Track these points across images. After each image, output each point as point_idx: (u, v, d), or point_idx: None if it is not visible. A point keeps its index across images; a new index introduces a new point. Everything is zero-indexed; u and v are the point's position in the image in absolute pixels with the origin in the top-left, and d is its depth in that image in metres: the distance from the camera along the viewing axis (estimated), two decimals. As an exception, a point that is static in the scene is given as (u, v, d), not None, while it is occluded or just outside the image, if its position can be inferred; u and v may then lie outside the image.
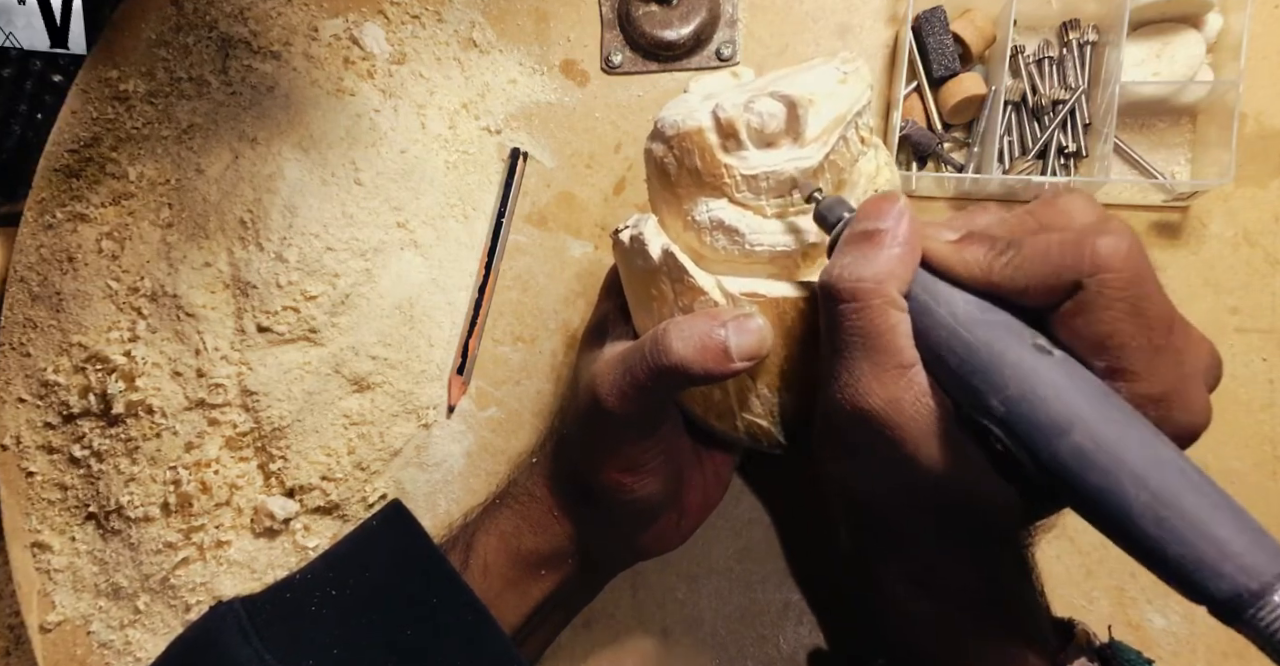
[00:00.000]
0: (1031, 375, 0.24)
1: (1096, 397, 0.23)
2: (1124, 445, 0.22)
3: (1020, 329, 0.25)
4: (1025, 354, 0.24)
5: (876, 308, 0.27)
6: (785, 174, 0.31)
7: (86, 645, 0.48)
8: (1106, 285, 0.24)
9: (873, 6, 0.49)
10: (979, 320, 0.26)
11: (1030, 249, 0.26)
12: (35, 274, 0.51)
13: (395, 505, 0.40)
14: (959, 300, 0.27)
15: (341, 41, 0.51)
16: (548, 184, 0.51)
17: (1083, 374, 0.24)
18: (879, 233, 0.28)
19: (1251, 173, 0.45)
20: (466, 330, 0.50)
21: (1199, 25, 0.45)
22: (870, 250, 0.27)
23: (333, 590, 0.36)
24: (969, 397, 0.26)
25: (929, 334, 0.27)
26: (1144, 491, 0.22)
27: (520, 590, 0.38)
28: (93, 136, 0.52)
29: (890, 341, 0.27)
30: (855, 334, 0.27)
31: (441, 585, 0.36)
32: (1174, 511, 0.21)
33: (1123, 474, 0.22)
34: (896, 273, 0.27)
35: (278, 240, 0.47)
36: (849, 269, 0.27)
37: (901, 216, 0.28)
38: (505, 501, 0.39)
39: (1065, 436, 0.23)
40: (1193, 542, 0.21)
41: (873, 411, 0.27)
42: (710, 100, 0.32)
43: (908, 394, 0.27)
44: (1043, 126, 0.46)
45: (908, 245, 0.28)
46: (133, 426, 0.47)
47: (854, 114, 0.32)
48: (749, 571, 0.46)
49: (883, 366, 0.27)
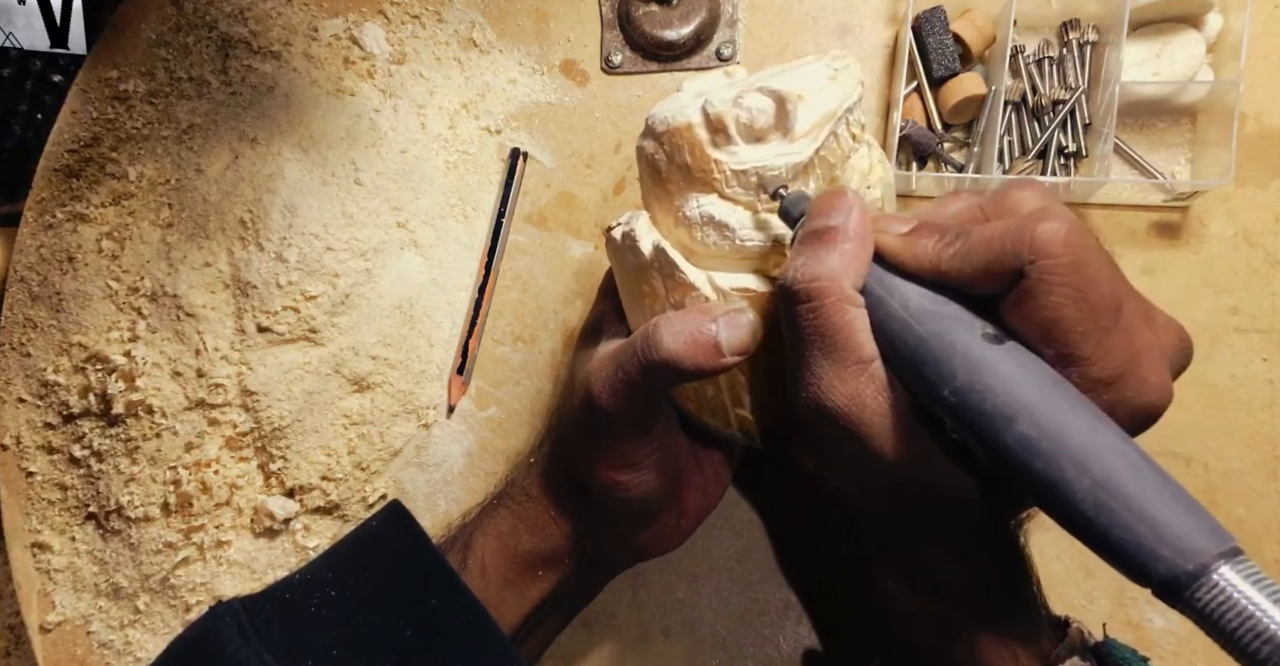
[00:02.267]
0: (979, 365, 0.24)
1: (1042, 385, 0.24)
2: (1067, 432, 0.23)
3: (970, 319, 0.26)
4: (974, 344, 0.25)
5: (831, 305, 0.27)
6: (775, 169, 0.31)
7: (86, 645, 0.48)
8: (1046, 271, 0.24)
9: (873, 6, 0.49)
10: (929, 312, 0.26)
11: (975, 237, 0.26)
12: (35, 274, 0.51)
13: (395, 506, 0.40)
14: (911, 292, 0.27)
15: (341, 41, 0.51)
16: (548, 184, 0.51)
17: (1031, 362, 0.25)
18: (830, 230, 0.28)
19: (1251, 173, 0.45)
20: (466, 330, 0.50)
21: (1199, 25, 0.45)
22: (822, 248, 0.28)
23: (332, 591, 0.36)
24: (922, 388, 0.26)
25: (883, 326, 0.27)
26: (1085, 477, 0.22)
27: (518, 590, 0.38)
28: (93, 136, 0.52)
29: (848, 338, 0.27)
30: (814, 333, 0.27)
31: (441, 586, 0.35)
32: (1114, 495, 0.22)
33: (1065, 460, 0.22)
34: (850, 269, 0.27)
35: (278, 240, 0.47)
36: (803, 269, 0.28)
37: (850, 211, 0.28)
38: (503, 502, 0.40)
39: (1011, 425, 0.23)
40: (1132, 526, 0.21)
41: (836, 409, 0.27)
42: (701, 97, 0.33)
43: (868, 389, 0.27)
44: (1043, 126, 0.46)
45: (858, 240, 0.28)
46: (133, 426, 0.47)
47: (844, 110, 0.32)
48: (749, 571, 0.46)
49: (843, 363, 0.27)
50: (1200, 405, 0.45)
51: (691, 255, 0.33)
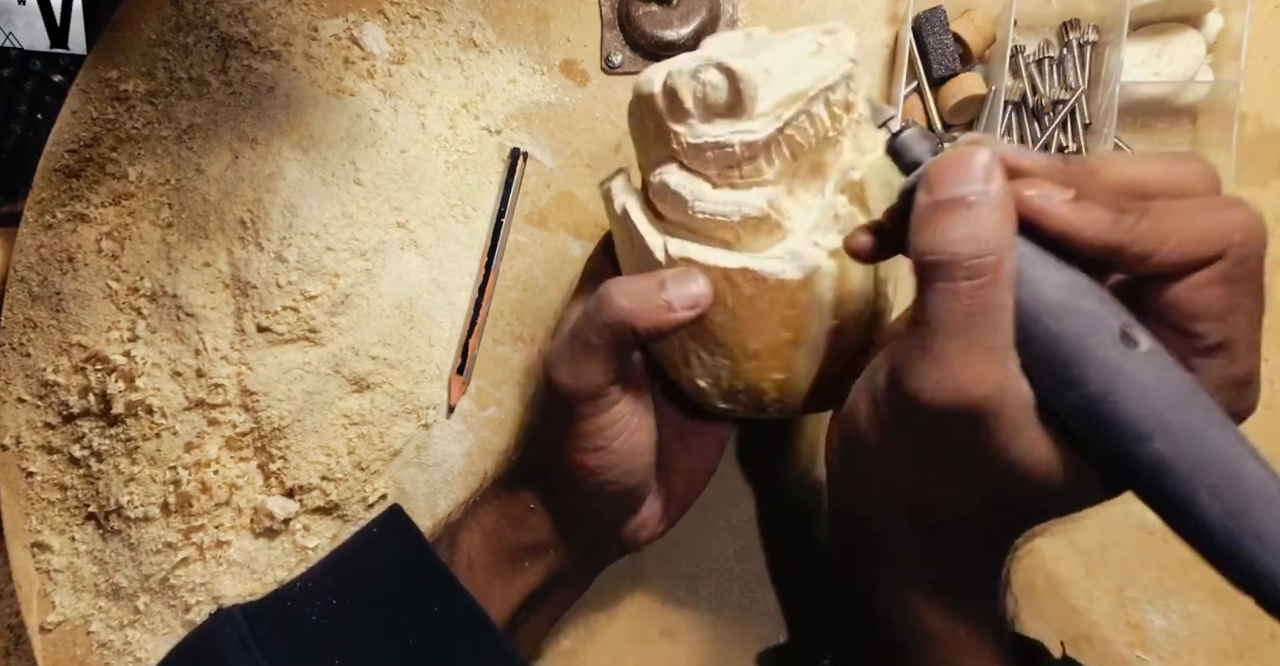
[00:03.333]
0: (1117, 373, 0.23)
1: (1182, 402, 0.23)
2: (1205, 454, 0.22)
3: (1109, 317, 0.24)
4: (1111, 349, 0.23)
5: (999, 283, 0.24)
6: (729, 146, 0.30)
7: (86, 645, 0.48)
8: (1249, 259, 0.23)
9: (873, 6, 0.49)
10: (1066, 306, 0.24)
11: (1168, 212, 0.24)
12: (35, 274, 0.51)
13: (395, 511, 0.40)
14: (1047, 283, 0.24)
15: (341, 41, 0.51)
16: (548, 184, 0.51)
17: (1170, 370, 0.23)
18: (976, 196, 0.24)
19: (1251, 173, 0.45)
20: (466, 330, 0.50)
21: (1199, 25, 0.45)
22: (975, 218, 0.24)
23: (333, 599, 0.36)
24: (1048, 385, 0.25)
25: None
26: (1218, 503, 0.22)
27: (506, 582, 0.38)
28: (93, 136, 0.52)
29: (1002, 320, 0.24)
30: (973, 313, 0.24)
31: (443, 593, 0.35)
32: (1246, 527, 0.21)
33: (1199, 484, 0.22)
34: (1010, 241, 0.24)
35: (278, 240, 0.47)
36: (960, 243, 0.24)
37: (992, 175, 0.24)
38: (485, 498, 0.40)
39: (1145, 441, 0.22)
40: (1259, 558, 0.21)
41: (984, 399, 0.24)
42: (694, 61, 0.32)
43: (1009, 379, 0.25)
44: (1043, 126, 0.46)
45: (1009, 209, 0.24)
46: (133, 426, 0.47)
47: (821, 89, 0.31)
48: (749, 571, 0.46)
49: (995, 348, 0.24)
50: (1200, 405, 0.45)
51: (660, 220, 0.34)
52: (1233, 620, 0.43)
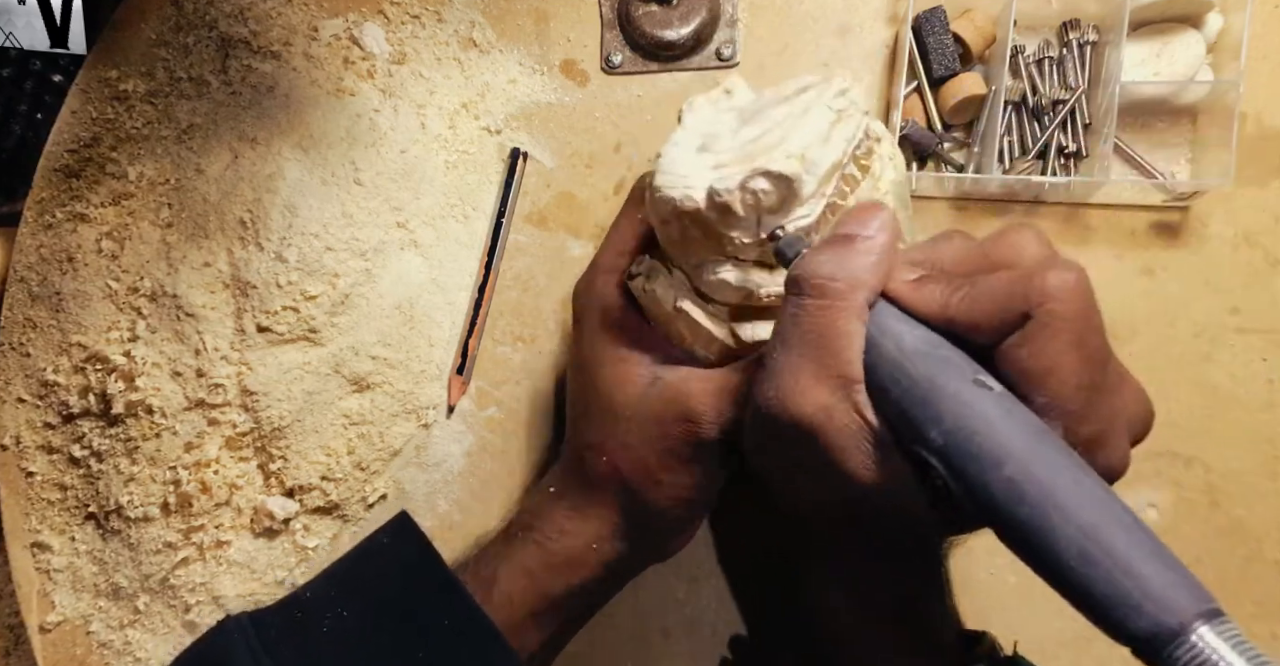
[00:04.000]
0: (969, 408, 0.24)
1: (1031, 433, 0.24)
2: (1055, 479, 0.23)
3: (963, 364, 0.26)
4: (964, 388, 0.25)
5: (840, 309, 0.26)
6: (786, 237, 0.31)
7: (86, 645, 0.48)
8: (1053, 315, 0.24)
9: (873, 6, 0.49)
10: (923, 354, 0.26)
11: (984, 283, 0.26)
12: (35, 274, 0.51)
13: (403, 519, 0.39)
14: (906, 333, 0.27)
15: (341, 41, 0.51)
16: (548, 184, 0.51)
17: (1020, 410, 0.25)
18: (859, 239, 0.27)
19: (1251, 173, 0.45)
20: (466, 330, 0.50)
21: (1199, 25, 0.45)
22: (848, 252, 0.27)
23: (341, 607, 0.36)
24: (909, 428, 0.26)
25: (875, 367, 0.27)
26: (1070, 525, 0.22)
27: (543, 622, 0.37)
28: (93, 136, 0.52)
29: (842, 348, 0.26)
30: (810, 332, 0.27)
31: (451, 604, 0.35)
32: (1099, 546, 0.21)
33: (1051, 507, 0.22)
34: (868, 282, 0.27)
35: (278, 240, 0.47)
36: (823, 266, 0.27)
37: (883, 228, 0.28)
38: (532, 536, 0.37)
39: (999, 469, 0.23)
40: (1116, 580, 0.21)
41: (803, 416, 0.27)
42: (705, 157, 0.32)
43: (843, 405, 0.26)
44: (1043, 126, 0.46)
45: (883, 257, 0.27)
46: (133, 426, 0.47)
47: (850, 152, 0.32)
48: (749, 572, 0.46)
49: (826, 372, 0.27)
50: (1200, 405, 0.45)
51: (712, 303, 0.34)
52: (1233, 620, 0.43)
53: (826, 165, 0.31)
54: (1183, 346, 0.45)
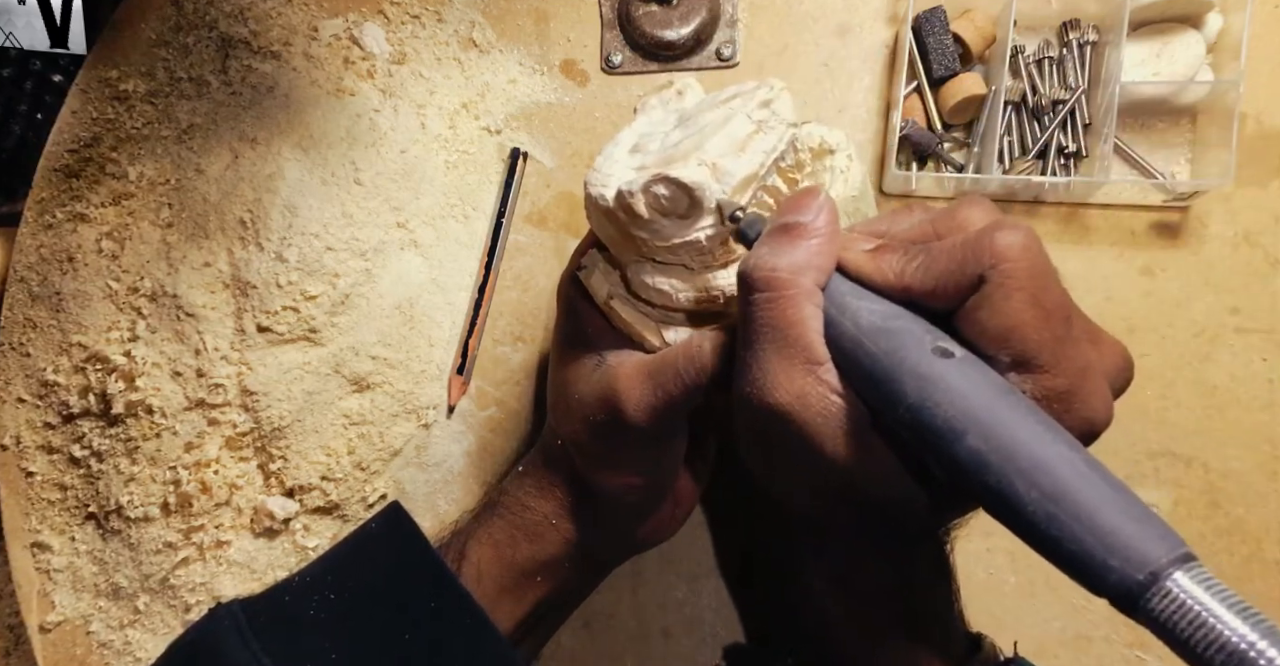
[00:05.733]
0: (929, 380, 0.24)
1: (991, 398, 0.24)
2: (1015, 444, 0.22)
3: (921, 334, 0.25)
4: (924, 359, 0.24)
5: (789, 298, 0.27)
6: (697, 241, 0.31)
7: (86, 645, 0.48)
8: (1006, 275, 0.25)
9: (873, 6, 0.49)
10: (881, 328, 0.26)
11: (936, 249, 0.26)
12: (35, 274, 0.51)
13: (394, 508, 0.40)
14: (862, 310, 0.27)
15: (341, 41, 0.51)
16: (548, 184, 0.51)
17: (982, 374, 0.24)
18: (798, 226, 0.28)
19: (1251, 173, 0.45)
20: (466, 330, 0.50)
21: (1199, 25, 0.45)
22: (787, 242, 0.27)
23: (331, 594, 0.36)
24: (880, 405, 0.26)
25: (837, 345, 0.27)
26: (1034, 489, 0.22)
27: (515, 596, 0.38)
28: (93, 136, 0.52)
29: (800, 335, 0.27)
30: (765, 325, 0.27)
31: (440, 589, 0.35)
32: (1063, 507, 0.21)
33: (1013, 473, 0.22)
34: (814, 264, 0.27)
35: (278, 240, 0.47)
36: (765, 258, 0.27)
37: (820, 211, 0.28)
38: (497, 511, 0.39)
39: (961, 439, 0.23)
40: (1081, 537, 0.21)
41: (779, 406, 0.27)
42: (634, 157, 0.32)
43: (815, 390, 0.27)
44: (1043, 126, 0.46)
45: (825, 239, 0.27)
46: (133, 426, 0.47)
47: (770, 164, 0.31)
48: (749, 572, 0.46)
49: (791, 360, 0.27)
50: (1200, 405, 0.45)
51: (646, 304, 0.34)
52: (1233, 620, 0.43)
53: (740, 176, 0.30)
54: (1183, 346, 0.45)
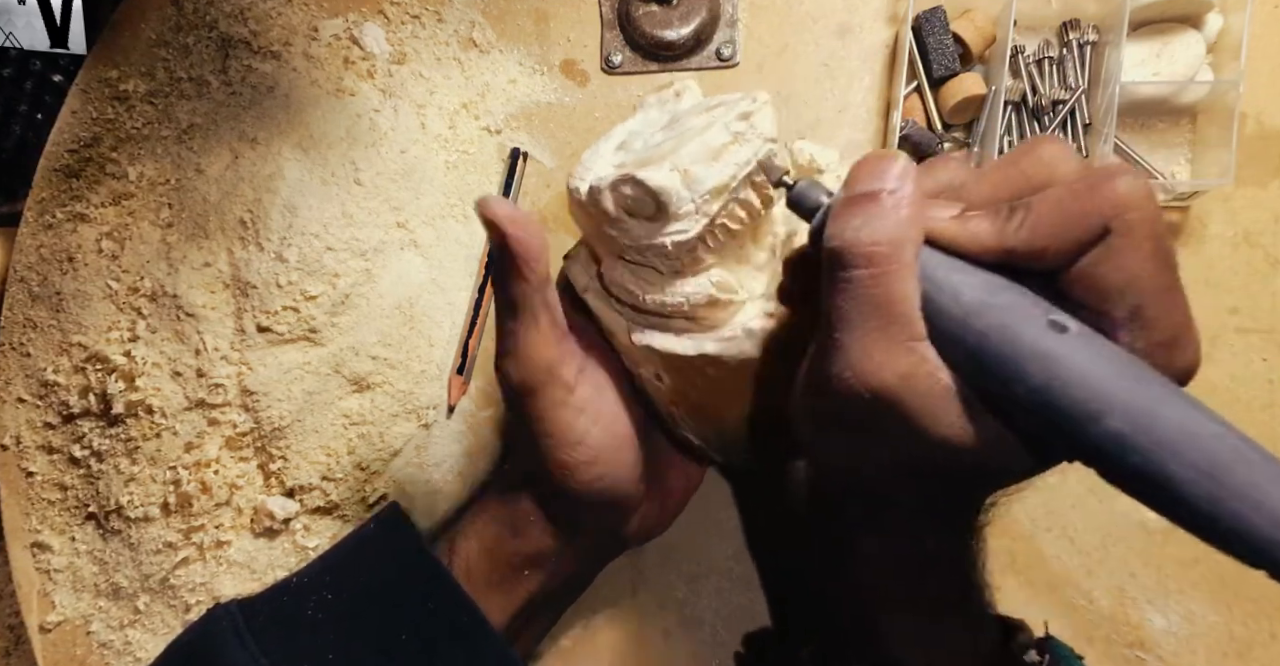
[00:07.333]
0: (1053, 360, 0.23)
1: (1125, 375, 0.22)
2: (1165, 425, 0.22)
3: (1031, 306, 0.24)
4: (1042, 336, 0.23)
5: (894, 273, 0.25)
6: (664, 246, 0.31)
7: (86, 645, 0.48)
8: (1133, 225, 0.23)
9: (873, 6, 0.49)
10: (987, 304, 0.24)
11: (1043, 205, 0.24)
12: (35, 274, 0.51)
13: (393, 509, 0.40)
14: (962, 284, 0.25)
15: (341, 41, 0.51)
16: (548, 184, 0.51)
17: (1106, 348, 0.23)
18: (885, 194, 0.25)
19: (1251, 173, 0.45)
20: (466, 330, 0.50)
21: (1199, 25, 0.45)
22: (877, 213, 0.25)
23: (329, 594, 0.36)
24: (991, 386, 0.25)
25: (934, 323, 0.25)
26: (1190, 469, 0.21)
27: (504, 591, 0.38)
28: (93, 136, 0.52)
29: (904, 312, 0.25)
30: (868, 303, 0.25)
31: (438, 590, 0.35)
32: (1223, 486, 0.21)
33: (1165, 453, 0.21)
34: (910, 237, 0.25)
35: (278, 240, 0.47)
36: (862, 231, 0.25)
37: (905, 177, 0.26)
38: (484, 506, 0.39)
39: (1099, 422, 0.22)
40: (1247, 515, 0.21)
41: (884, 388, 0.25)
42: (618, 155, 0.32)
43: (922, 369, 0.25)
44: (1043, 126, 0.46)
45: (916, 207, 0.25)
46: (133, 426, 0.47)
47: (744, 177, 0.31)
48: (749, 571, 0.46)
49: (895, 339, 0.25)
50: (1200, 405, 0.45)
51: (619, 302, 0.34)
52: (1233, 620, 0.43)
53: (710, 185, 0.30)
54: (1183, 346, 0.45)
